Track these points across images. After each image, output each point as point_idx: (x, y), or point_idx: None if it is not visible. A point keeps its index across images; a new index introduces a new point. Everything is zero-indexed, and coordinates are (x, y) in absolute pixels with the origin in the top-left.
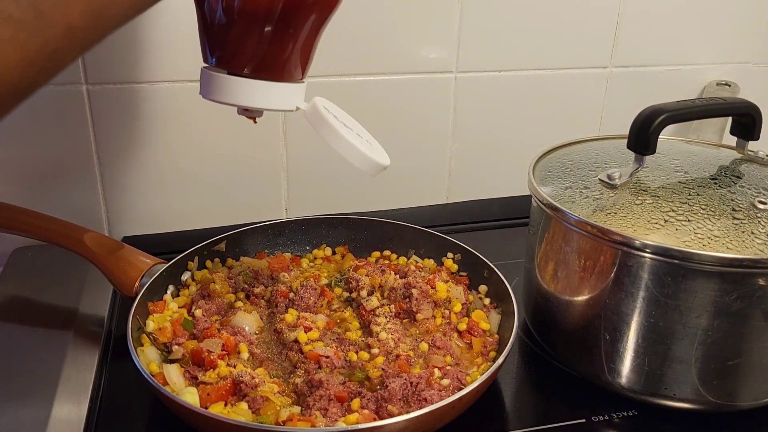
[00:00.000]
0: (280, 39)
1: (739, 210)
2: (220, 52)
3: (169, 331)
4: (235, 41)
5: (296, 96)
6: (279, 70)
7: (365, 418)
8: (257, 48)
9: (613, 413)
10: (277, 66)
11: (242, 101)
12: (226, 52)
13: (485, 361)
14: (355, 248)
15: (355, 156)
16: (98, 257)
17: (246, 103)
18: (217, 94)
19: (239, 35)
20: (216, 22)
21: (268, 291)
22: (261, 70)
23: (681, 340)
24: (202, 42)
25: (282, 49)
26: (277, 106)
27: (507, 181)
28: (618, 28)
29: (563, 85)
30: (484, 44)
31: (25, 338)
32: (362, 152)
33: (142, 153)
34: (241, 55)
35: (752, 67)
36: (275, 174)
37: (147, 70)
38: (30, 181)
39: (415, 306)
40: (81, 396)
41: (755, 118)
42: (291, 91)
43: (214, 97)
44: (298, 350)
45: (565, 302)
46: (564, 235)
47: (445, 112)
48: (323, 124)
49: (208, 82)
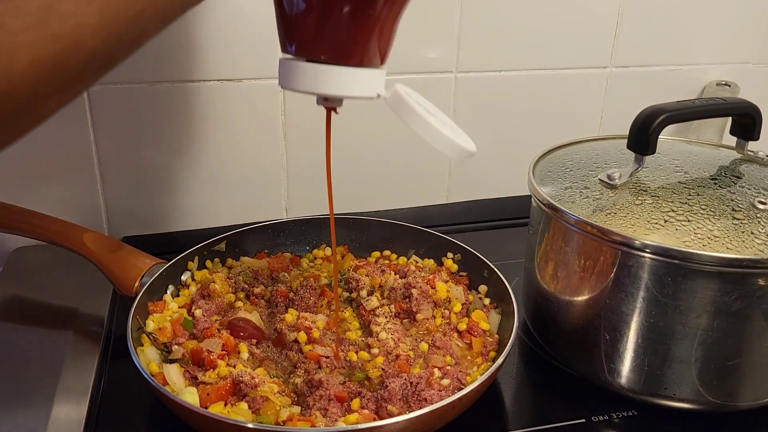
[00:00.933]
0: (360, 22)
1: (739, 210)
2: (299, 38)
3: (169, 331)
4: (313, 26)
5: (377, 82)
6: (359, 55)
7: (365, 418)
8: (336, 32)
9: (613, 413)
10: (357, 51)
11: (322, 89)
12: (304, 39)
13: (485, 361)
14: (355, 248)
15: (441, 141)
16: (98, 257)
17: (325, 90)
18: (297, 83)
19: (317, 19)
20: (294, 8)
21: (268, 291)
22: (341, 56)
23: (681, 340)
24: (280, 31)
25: (362, 33)
26: (358, 93)
27: (507, 181)
28: (618, 28)
29: (563, 85)
30: (484, 44)
31: (25, 338)
32: (449, 138)
33: (142, 153)
34: (319, 41)
35: (752, 67)
36: (275, 174)
37: (147, 70)
38: (30, 180)
39: (415, 306)
40: (81, 396)
41: (755, 118)
42: (372, 77)
43: (293, 86)
44: (298, 350)
45: (565, 302)
46: (564, 235)
47: (445, 112)
48: (407, 110)
49: (287, 71)
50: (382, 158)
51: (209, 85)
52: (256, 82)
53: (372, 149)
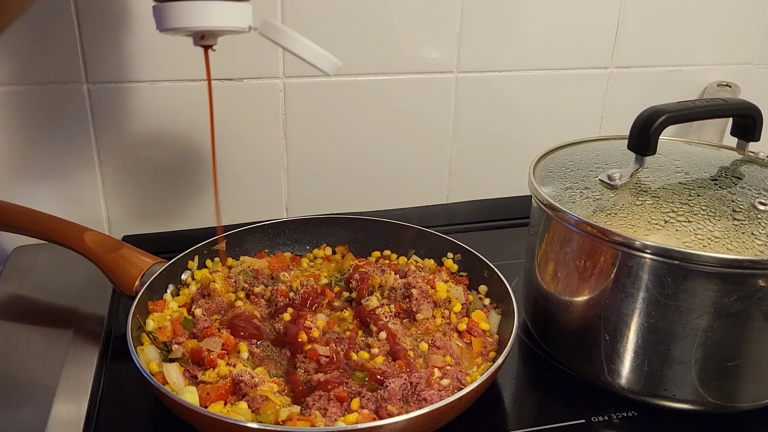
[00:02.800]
0: None
1: (740, 211)
2: None
3: (169, 330)
4: None
5: (246, 15)
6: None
7: (365, 418)
8: None
9: (613, 414)
10: None
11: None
12: None
13: (485, 362)
14: (355, 248)
15: (318, 56)
16: (98, 256)
17: (202, 23)
18: (175, 22)
19: None
20: None
21: (268, 290)
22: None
23: (681, 340)
24: None
25: None
26: (235, 24)
27: (507, 181)
28: (619, 29)
29: (564, 85)
30: (484, 44)
31: (25, 337)
32: (321, 51)
33: (142, 153)
34: None
35: (753, 68)
36: (276, 173)
37: (148, 70)
38: (30, 180)
39: (415, 306)
40: (81, 395)
41: (756, 119)
42: (242, 9)
43: (170, 25)
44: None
45: (565, 303)
46: (564, 236)
47: (446, 112)
48: (282, 33)
49: (162, 13)
50: (382, 158)
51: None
52: (256, 82)
53: (372, 149)
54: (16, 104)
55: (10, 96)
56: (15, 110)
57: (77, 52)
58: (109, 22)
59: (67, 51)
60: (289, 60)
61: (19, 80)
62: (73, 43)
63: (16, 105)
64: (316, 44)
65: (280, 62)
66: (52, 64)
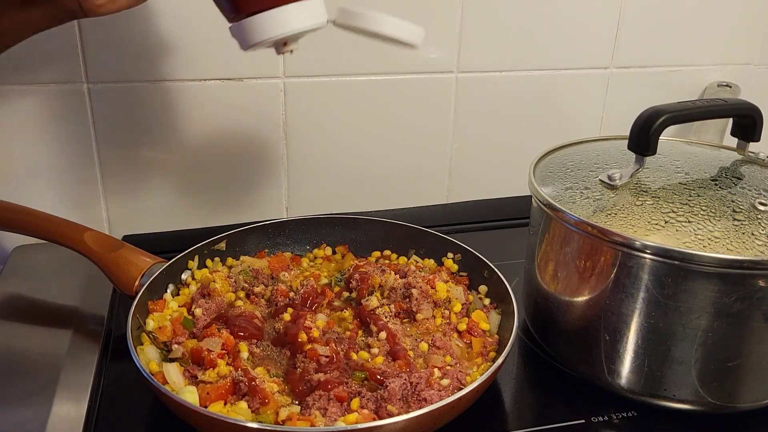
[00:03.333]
0: None
1: (740, 211)
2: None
3: (169, 330)
4: None
5: (321, 10)
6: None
7: (365, 418)
8: None
9: (613, 414)
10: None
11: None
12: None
13: (485, 362)
14: (355, 248)
15: (402, 28)
16: (98, 256)
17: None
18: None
19: None
20: None
21: (268, 290)
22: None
23: (681, 341)
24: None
25: None
26: (317, 22)
27: (507, 181)
28: (619, 29)
29: (564, 85)
30: (485, 44)
31: (25, 337)
32: (405, 24)
33: (142, 152)
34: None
35: (753, 68)
36: (276, 173)
37: (148, 69)
38: (30, 180)
39: (415, 306)
40: (80, 395)
41: (756, 119)
42: (315, 7)
43: (256, 39)
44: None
45: (565, 303)
46: (564, 236)
47: (446, 112)
48: (361, 17)
49: (243, 30)
50: (382, 158)
51: (210, 84)
52: (256, 82)
53: (372, 149)
54: (16, 104)
55: (11, 96)
56: (15, 110)
57: (77, 52)
58: (109, 22)
59: (67, 51)
60: (289, 60)
61: (19, 80)
62: (73, 43)
63: (16, 105)
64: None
65: (280, 62)
66: (52, 64)
